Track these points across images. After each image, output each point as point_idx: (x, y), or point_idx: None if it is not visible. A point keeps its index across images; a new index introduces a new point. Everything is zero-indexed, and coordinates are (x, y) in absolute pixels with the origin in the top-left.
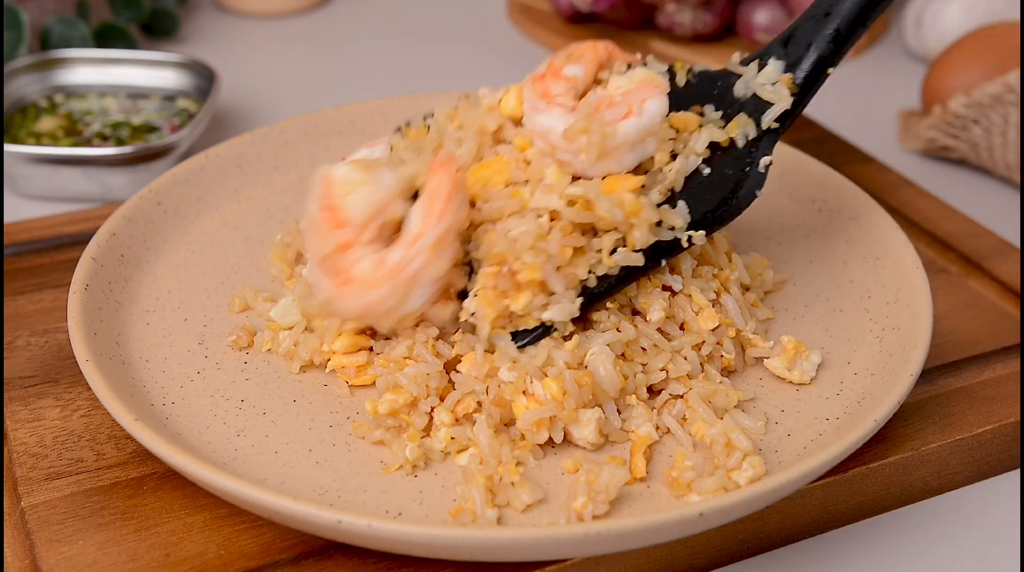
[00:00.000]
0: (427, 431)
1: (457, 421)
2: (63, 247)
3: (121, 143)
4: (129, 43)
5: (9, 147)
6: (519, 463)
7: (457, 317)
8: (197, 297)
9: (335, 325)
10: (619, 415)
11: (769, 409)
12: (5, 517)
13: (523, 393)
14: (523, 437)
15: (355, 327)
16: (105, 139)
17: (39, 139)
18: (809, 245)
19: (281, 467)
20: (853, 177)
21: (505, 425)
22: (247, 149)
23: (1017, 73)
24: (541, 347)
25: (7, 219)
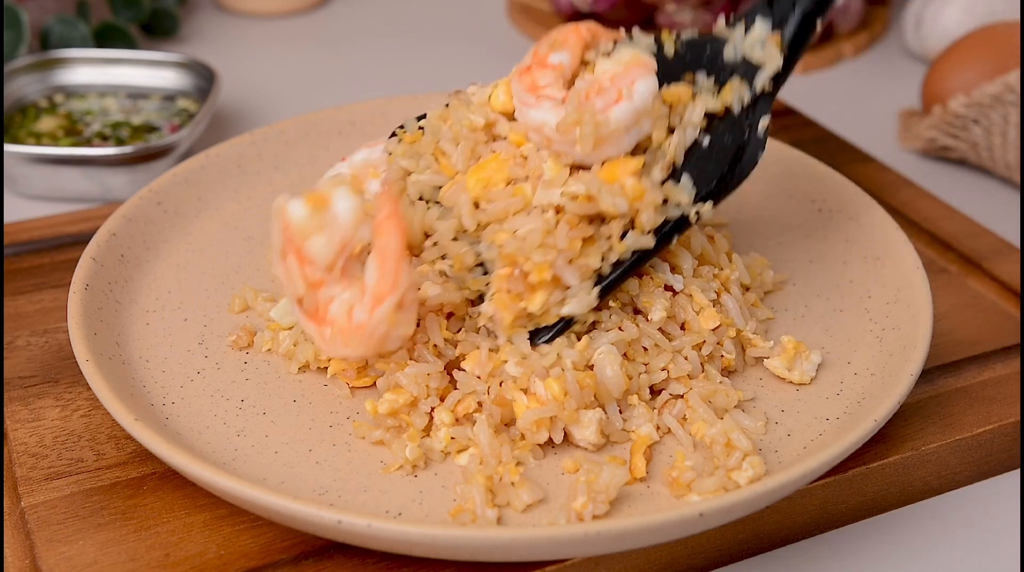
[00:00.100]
0: (427, 431)
1: (457, 421)
2: (63, 247)
3: (121, 143)
4: (129, 43)
5: (9, 147)
6: (519, 463)
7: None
8: (197, 297)
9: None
10: (620, 415)
11: (769, 409)
12: (5, 517)
13: (524, 392)
14: (523, 437)
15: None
16: (105, 139)
17: (39, 139)
18: (809, 245)
19: (281, 467)
20: (853, 177)
21: (505, 425)
22: (247, 149)
23: (1017, 73)
24: (555, 345)
25: (7, 219)
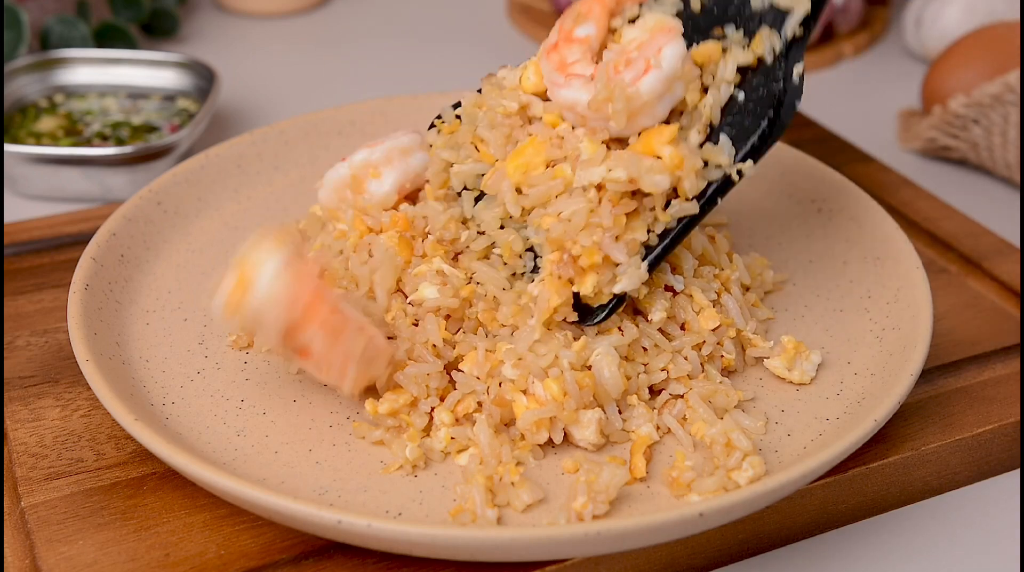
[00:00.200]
0: (427, 431)
1: (457, 421)
2: (63, 247)
3: (121, 143)
4: (129, 43)
5: (9, 147)
6: (519, 463)
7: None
8: (197, 297)
9: None
10: (620, 415)
11: (769, 409)
12: (5, 517)
13: (523, 393)
14: (523, 437)
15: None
16: (105, 139)
17: (39, 139)
18: (809, 245)
19: (281, 467)
20: (853, 177)
21: (505, 425)
22: (247, 149)
23: (1017, 73)
24: (551, 346)
25: (7, 219)
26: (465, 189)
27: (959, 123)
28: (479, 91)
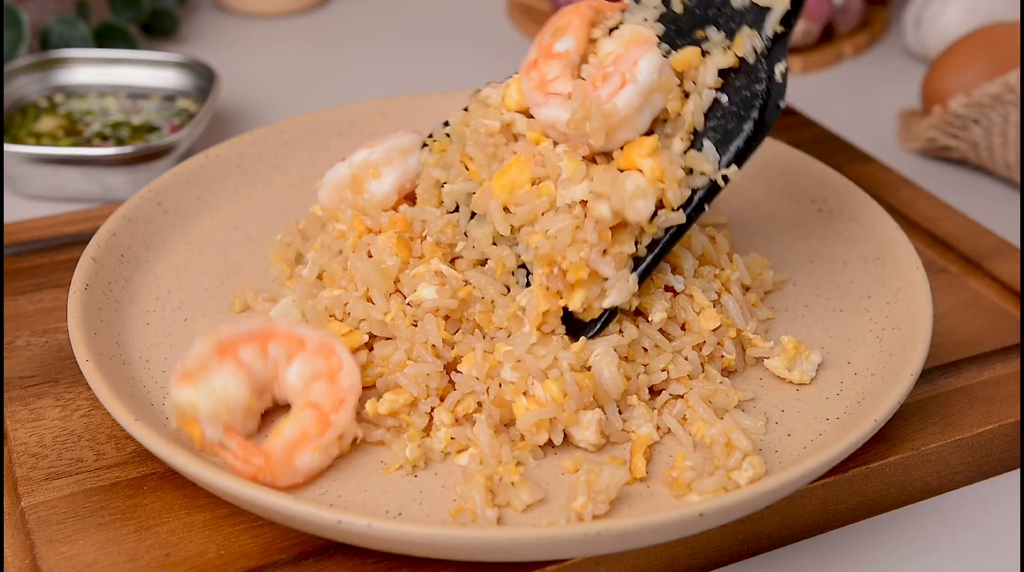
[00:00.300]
0: (427, 431)
1: (457, 421)
2: (63, 247)
3: (121, 143)
4: (129, 43)
5: (9, 147)
6: (519, 463)
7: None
8: (197, 297)
9: None
10: (620, 416)
11: (769, 409)
12: (5, 517)
13: (524, 394)
14: (523, 438)
15: None
16: (105, 139)
17: (39, 139)
18: (809, 245)
19: None
20: (853, 177)
21: (505, 425)
22: (247, 149)
23: (1017, 73)
24: (551, 348)
25: (7, 219)
26: (458, 208)
27: (959, 123)
28: (465, 109)
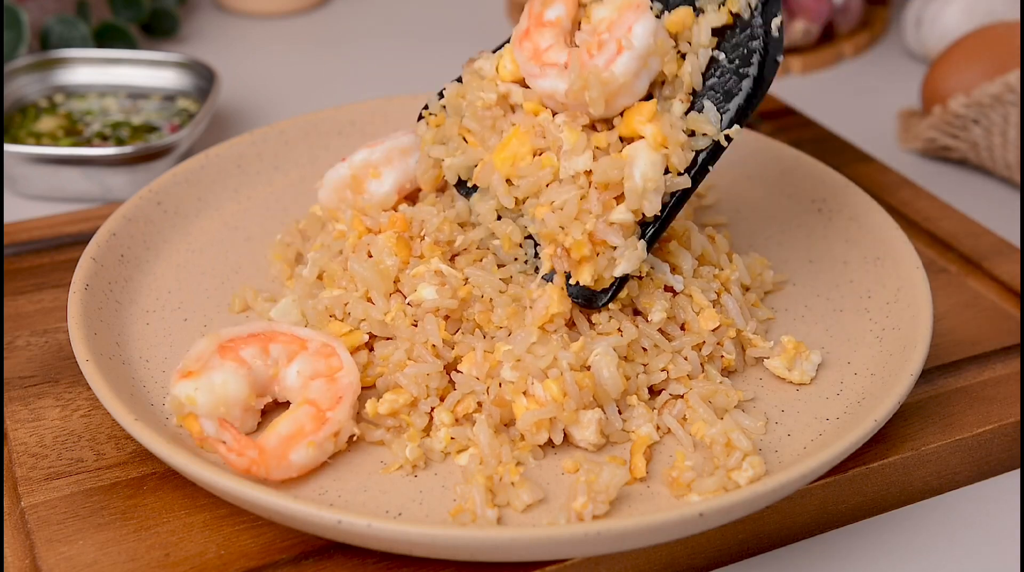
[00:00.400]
0: (427, 431)
1: (457, 421)
2: (63, 247)
3: (121, 143)
4: (129, 43)
5: (9, 147)
6: (519, 463)
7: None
8: (197, 297)
9: None
10: (620, 416)
11: (769, 409)
12: (5, 517)
13: (524, 394)
14: (523, 438)
15: None
16: (105, 139)
17: (39, 139)
18: (809, 245)
19: None
20: (853, 177)
21: (505, 425)
22: (247, 149)
23: (1017, 73)
24: (550, 347)
25: (7, 219)
26: (460, 181)
27: (959, 123)
28: (459, 80)
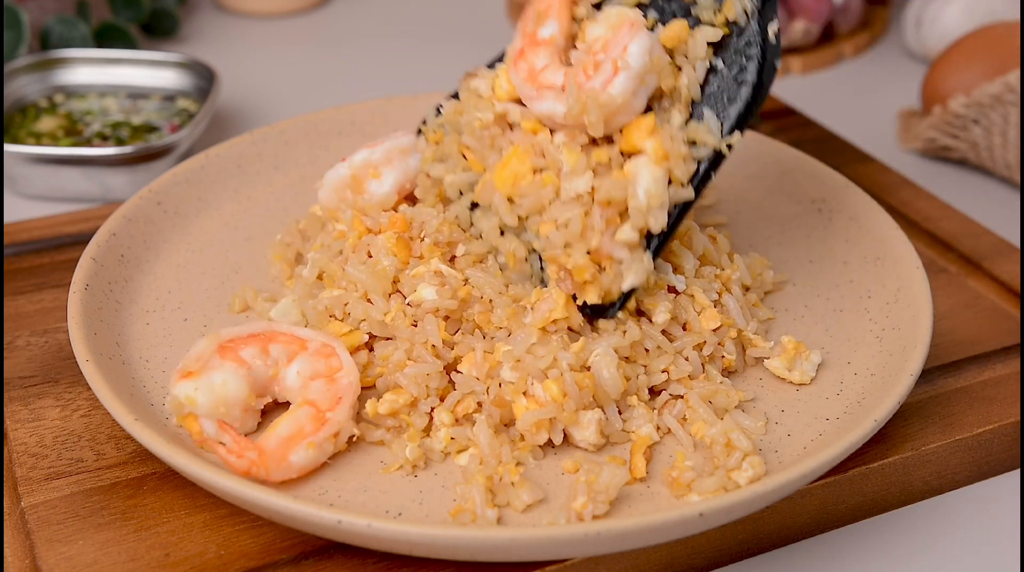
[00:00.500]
0: (427, 431)
1: (457, 421)
2: (63, 247)
3: (121, 143)
4: (129, 43)
5: (9, 147)
6: (519, 463)
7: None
8: (197, 297)
9: None
10: (620, 416)
11: (769, 409)
12: (5, 517)
13: (523, 394)
14: (523, 438)
15: None
16: (105, 139)
17: (39, 139)
18: (809, 245)
19: None
20: (853, 177)
21: (505, 425)
22: (247, 149)
23: (1017, 73)
24: (550, 348)
25: (7, 219)
26: (461, 195)
27: (959, 123)
28: (455, 96)
